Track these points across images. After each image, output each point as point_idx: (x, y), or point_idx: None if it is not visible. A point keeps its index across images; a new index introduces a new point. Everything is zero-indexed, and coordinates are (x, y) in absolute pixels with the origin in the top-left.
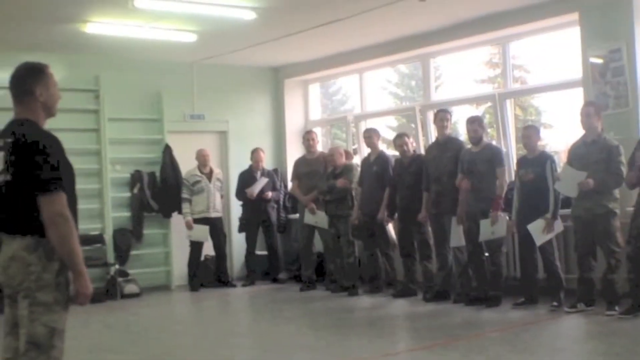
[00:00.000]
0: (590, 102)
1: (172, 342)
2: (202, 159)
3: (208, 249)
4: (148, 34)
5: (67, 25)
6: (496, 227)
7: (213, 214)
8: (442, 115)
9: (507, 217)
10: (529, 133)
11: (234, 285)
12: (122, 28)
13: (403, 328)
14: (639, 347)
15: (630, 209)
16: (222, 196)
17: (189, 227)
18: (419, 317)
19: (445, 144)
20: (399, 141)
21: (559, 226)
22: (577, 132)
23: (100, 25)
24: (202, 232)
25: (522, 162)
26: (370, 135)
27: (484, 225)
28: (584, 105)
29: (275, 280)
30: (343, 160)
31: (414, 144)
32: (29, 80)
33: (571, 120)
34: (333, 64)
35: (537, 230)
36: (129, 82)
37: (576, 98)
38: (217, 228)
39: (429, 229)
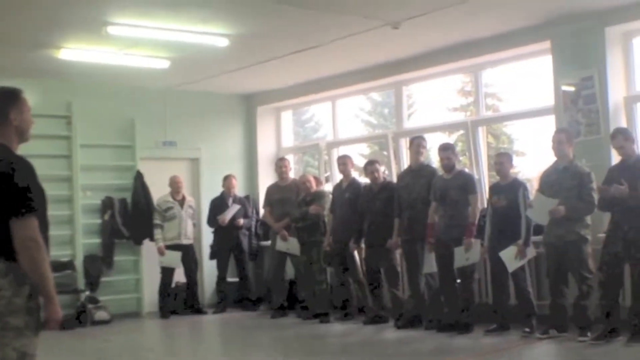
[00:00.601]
0: (562, 129)
1: None
2: (175, 185)
3: (179, 276)
4: (121, 60)
5: (40, 50)
6: (470, 253)
7: (184, 241)
8: (418, 142)
9: (480, 243)
10: (501, 160)
11: (205, 312)
12: (96, 54)
13: (375, 355)
14: None
15: (602, 235)
16: (194, 224)
17: (160, 253)
18: (391, 344)
19: (419, 171)
20: (370, 168)
21: (531, 252)
22: (549, 160)
23: (73, 51)
24: (174, 259)
25: (494, 188)
26: (345, 162)
27: (458, 252)
28: (556, 132)
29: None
30: (315, 186)
31: (386, 172)
32: (3, 104)
33: (543, 148)
34: (306, 91)
35: (509, 257)
36: (102, 109)
37: (548, 125)
38: (188, 255)
39: (397, 255)
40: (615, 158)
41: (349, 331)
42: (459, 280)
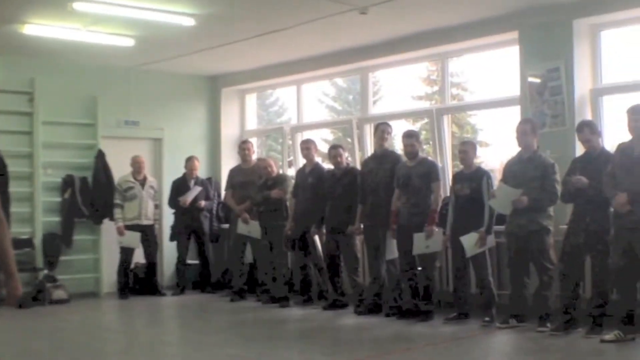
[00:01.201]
0: (527, 119)
1: (100, 349)
2: (136, 165)
3: (139, 257)
4: (86, 37)
5: (5, 25)
6: (431, 240)
7: (145, 222)
8: (383, 128)
9: (442, 232)
10: (466, 148)
11: (164, 294)
12: (60, 30)
13: (334, 340)
14: None
15: (564, 226)
16: (156, 206)
17: (120, 232)
18: (351, 329)
19: (383, 157)
20: (334, 152)
21: (491, 241)
22: (512, 151)
23: (38, 27)
24: (133, 239)
25: (458, 177)
26: (308, 147)
27: (418, 238)
28: (521, 122)
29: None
30: (277, 170)
31: (349, 158)
32: None
33: (507, 139)
34: (271, 74)
35: (469, 243)
36: (65, 86)
37: (513, 116)
38: (148, 236)
39: (357, 242)
40: (580, 150)
41: (308, 316)
42: (420, 268)
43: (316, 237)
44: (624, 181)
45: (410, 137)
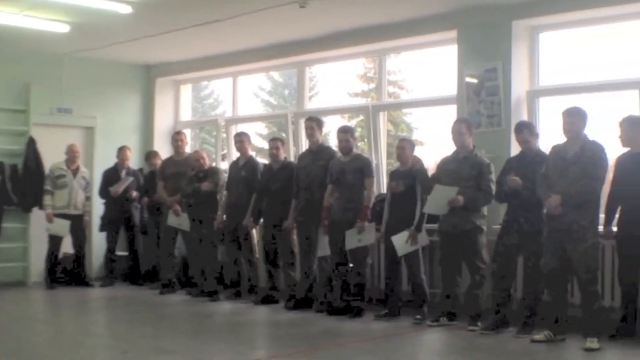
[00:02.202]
0: (462, 118)
1: (27, 338)
2: (71, 154)
3: (67, 247)
4: (22, 22)
5: None
6: (363, 235)
7: (73, 212)
8: (308, 124)
9: (375, 226)
10: (403, 145)
11: (92, 285)
12: None
13: (264, 335)
14: None
15: (497, 226)
16: (87, 197)
17: (49, 219)
18: (281, 324)
19: (317, 153)
20: (272, 144)
21: (423, 239)
22: (448, 150)
23: None
24: (62, 227)
25: (394, 174)
26: (242, 140)
27: (350, 234)
28: (456, 122)
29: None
30: (209, 163)
31: (285, 152)
32: None
33: (443, 138)
34: (207, 65)
35: (400, 242)
36: None
37: (449, 115)
38: (77, 226)
39: (295, 237)
40: (515, 150)
41: (238, 310)
42: (351, 265)
43: (253, 231)
44: (557, 183)
45: (345, 132)
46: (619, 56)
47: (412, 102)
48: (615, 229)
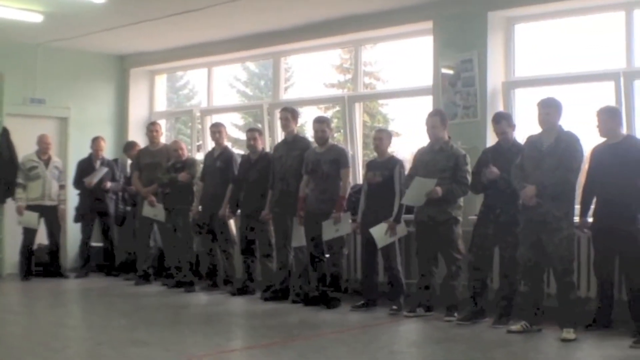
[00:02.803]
0: (436, 111)
1: (2, 331)
2: (43, 145)
3: (42, 238)
4: None
5: None
6: (339, 225)
7: (48, 202)
8: (283, 114)
9: (350, 215)
10: (380, 136)
11: (67, 276)
12: None
13: (240, 326)
14: (476, 353)
15: (473, 217)
16: (61, 186)
17: (19, 212)
18: (257, 315)
19: (293, 143)
20: (250, 135)
21: (402, 230)
22: (424, 141)
23: None
24: (31, 219)
25: (371, 164)
26: (218, 130)
27: (327, 225)
28: (430, 114)
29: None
30: (186, 153)
31: (263, 143)
32: None
33: (419, 129)
34: (181, 56)
35: (379, 234)
36: None
37: (425, 106)
38: (51, 217)
39: (271, 227)
40: (491, 141)
41: (214, 301)
42: (327, 255)
43: (231, 222)
44: (532, 174)
45: (321, 122)
46: (594, 48)
47: (387, 93)
48: (590, 220)
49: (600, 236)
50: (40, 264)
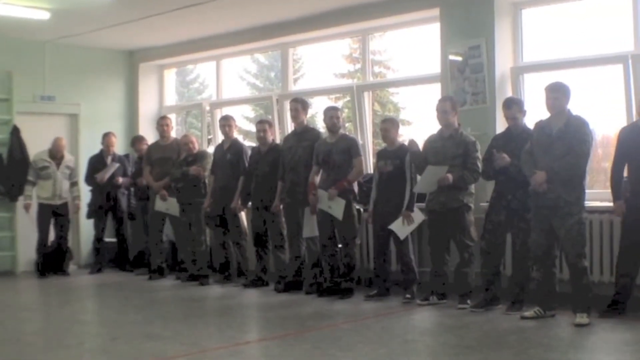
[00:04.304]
0: (447, 97)
1: (17, 328)
2: (57, 148)
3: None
4: (1, 10)
5: None
6: (333, 204)
7: (58, 202)
8: (293, 105)
9: (364, 209)
10: (386, 126)
11: (68, 274)
12: None
13: (254, 318)
14: (490, 340)
15: (485, 204)
16: (72, 184)
17: (26, 209)
18: (270, 307)
19: (303, 134)
20: (260, 127)
21: (419, 216)
22: (434, 129)
23: None
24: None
25: (381, 154)
26: (228, 123)
27: (322, 194)
28: (440, 100)
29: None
30: (197, 147)
31: (273, 135)
32: None
33: (429, 117)
34: (190, 49)
35: (398, 226)
36: None
37: (434, 94)
38: (61, 214)
39: (283, 219)
40: (500, 127)
41: (228, 294)
42: (340, 245)
43: (242, 214)
44: (542, 159)
45: (333, 109)
46: (602, 31)
47: (396, 81)
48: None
49: (631, 217)
50: (56, 260)
